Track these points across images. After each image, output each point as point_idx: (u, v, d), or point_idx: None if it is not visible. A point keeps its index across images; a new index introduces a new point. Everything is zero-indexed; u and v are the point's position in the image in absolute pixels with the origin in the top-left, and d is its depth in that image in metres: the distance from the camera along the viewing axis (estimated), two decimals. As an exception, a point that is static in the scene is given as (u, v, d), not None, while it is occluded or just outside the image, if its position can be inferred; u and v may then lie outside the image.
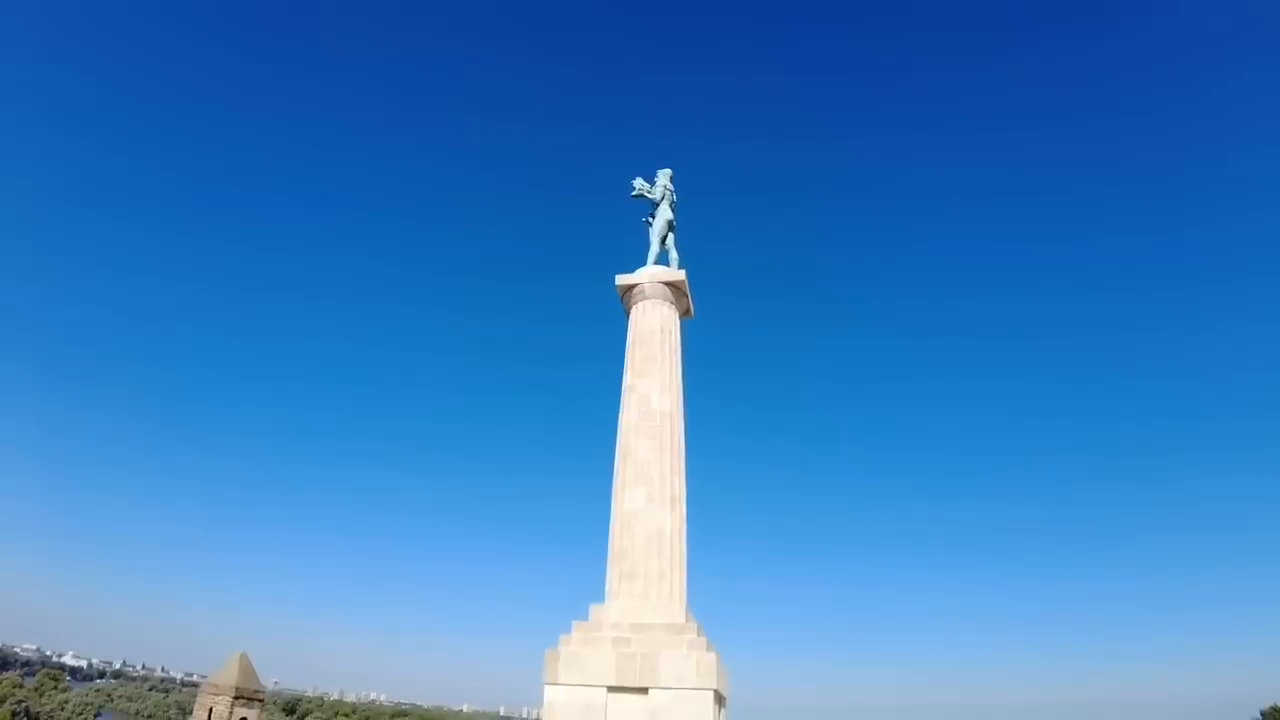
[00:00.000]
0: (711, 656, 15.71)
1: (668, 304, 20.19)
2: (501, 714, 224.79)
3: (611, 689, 15.64)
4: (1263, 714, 46.40)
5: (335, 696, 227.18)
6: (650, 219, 21.61)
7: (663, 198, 21.59)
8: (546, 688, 15.94)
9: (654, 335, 19.56)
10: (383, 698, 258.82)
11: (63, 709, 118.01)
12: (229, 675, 26.88)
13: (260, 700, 27.30)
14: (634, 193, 21.70)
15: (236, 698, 26.59)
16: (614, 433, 19.13)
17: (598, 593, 17.92)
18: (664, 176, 21.88)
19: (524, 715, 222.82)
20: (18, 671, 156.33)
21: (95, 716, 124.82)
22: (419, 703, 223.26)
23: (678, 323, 20.45)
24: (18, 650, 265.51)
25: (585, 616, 17.13)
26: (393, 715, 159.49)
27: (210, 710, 26.58)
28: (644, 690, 15.47)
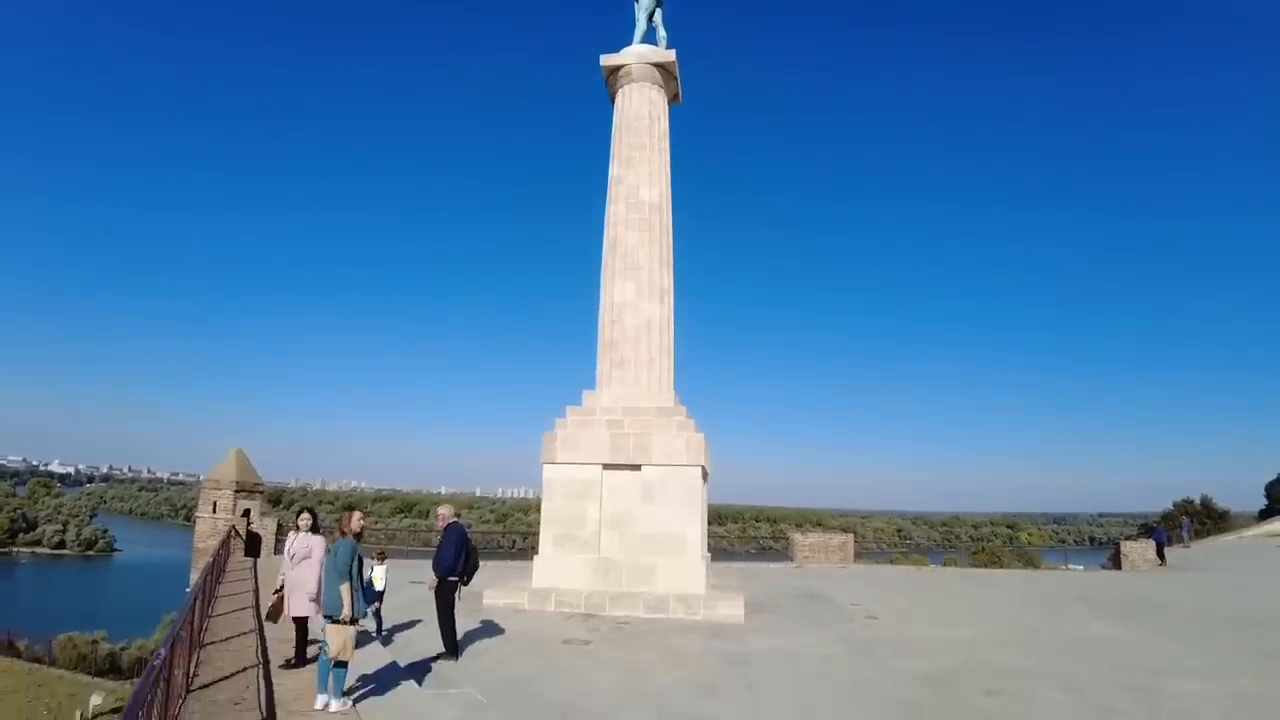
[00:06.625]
0: (699, 436, 16.63)
1: (656, 88, 19.11)
2: (478, 494, 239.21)
3: (606, 466, 16.62)
4: (1175, 505, 51.51)
5: (318, 487, 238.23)
6: (636, -9, 19.83)
7: (649, -33, 19.68)
8: (545, 466, 16.87)
9: (641, 122, 18.67)
10: (364, 485, 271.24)
11: (59, 513, 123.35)
12: (228, 470, 27.88)
13: (261, 492, 28.59)
14: None
15: (238, 491, 27.72)
16: (602, 226, 18.83)
17: (586, 384, 18.47)
18: None
19: (498, 494, 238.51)
20: (8, 482, 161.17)
21: (91, 517, 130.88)
22: (399, 488, 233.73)
23: (666, 109, 19.46)
24: (3, 462, 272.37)
25: (579, 403, 17.82)
26: (373, 500, 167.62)
27: (214, 504, 27.78)
28: (637, 467, 16.47)
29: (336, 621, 7.72)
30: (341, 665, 7.74)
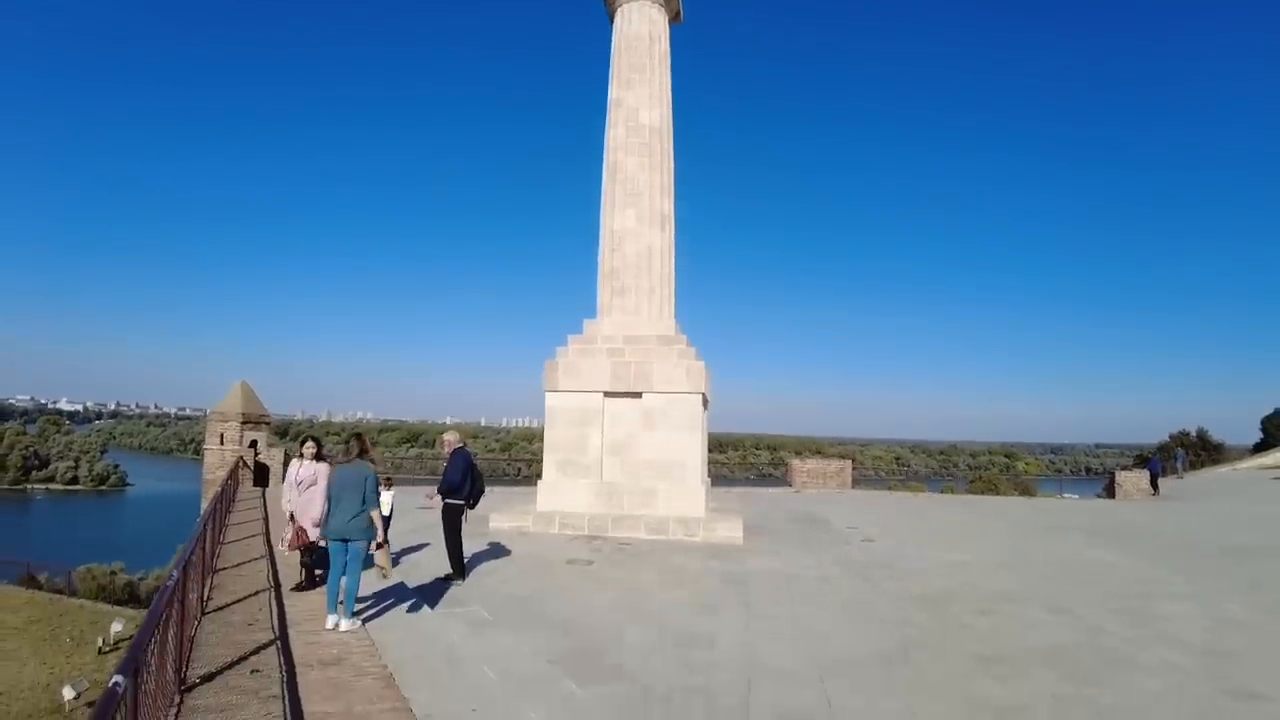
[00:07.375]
0: (700, 365, 16.65)
1: (656, 6, 18.36)
2: (483, 424, 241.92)
3: (608, 394, 16.71)
4: (1171, 437, 51.90)
5: (324, 418, 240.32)
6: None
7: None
8: (548, 394, 16.97)
9: (641, 42, 18.02)
10: (370, 416, 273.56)
11: (70, 450, 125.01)
12: (233, 403, 28.11)
13: (267, 423, 28.88)
14: None
15: (244, 423, 28.01)
16: (602, 152, 18.40)
17: (587, 312, 18.37)
18: None
19: (503, 424, 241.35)
20: (18, 421, 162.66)
21: (102, 453, 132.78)
22: (405, 419, 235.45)
23: (667, 28, 18.77)
24: (12, 402, 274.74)
25: (580, 332, 17.77)
26: (380, 430, 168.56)
27: (221, 436, 28.10)
28: (638, 394, 16.55)
29: (380, 546, 8.38)
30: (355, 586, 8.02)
